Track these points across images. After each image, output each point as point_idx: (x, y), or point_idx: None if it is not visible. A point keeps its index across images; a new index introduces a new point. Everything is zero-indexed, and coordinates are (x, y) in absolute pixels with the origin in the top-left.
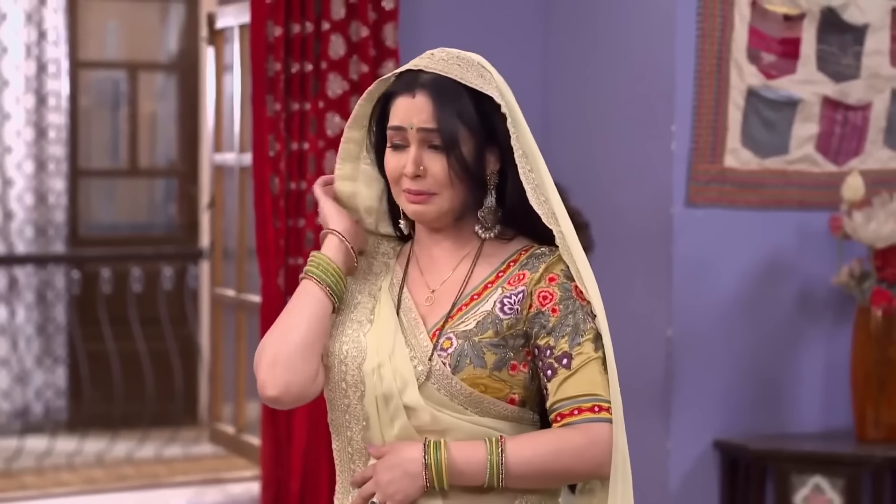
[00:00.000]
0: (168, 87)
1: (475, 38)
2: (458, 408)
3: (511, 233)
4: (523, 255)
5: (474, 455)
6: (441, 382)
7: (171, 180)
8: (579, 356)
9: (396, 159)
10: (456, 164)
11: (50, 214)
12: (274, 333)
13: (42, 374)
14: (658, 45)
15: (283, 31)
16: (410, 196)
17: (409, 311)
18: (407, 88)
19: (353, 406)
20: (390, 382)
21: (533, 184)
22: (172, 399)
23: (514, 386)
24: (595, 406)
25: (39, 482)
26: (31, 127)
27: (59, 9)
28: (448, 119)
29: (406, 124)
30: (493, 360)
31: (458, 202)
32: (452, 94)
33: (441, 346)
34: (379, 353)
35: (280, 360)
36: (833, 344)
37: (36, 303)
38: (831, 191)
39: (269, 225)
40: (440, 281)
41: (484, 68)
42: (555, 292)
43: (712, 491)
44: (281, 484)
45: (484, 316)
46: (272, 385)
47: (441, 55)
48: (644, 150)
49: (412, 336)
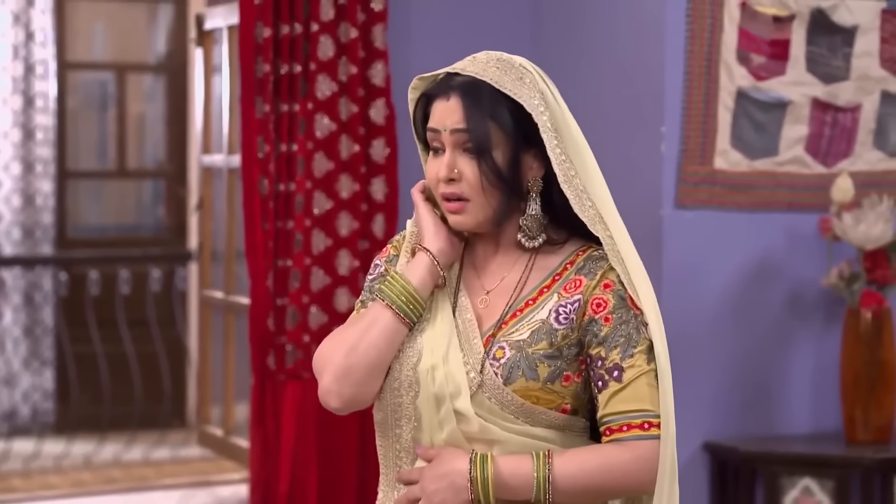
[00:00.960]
0: (156, 88)
1: (464, 39)
2: (508, 417)
3: (564, 234)
4: (580, 257)
5: (521, 469)
6: (492, 392)
7: (160, 182)
8: (631, 369)
9: (434, 164)
10: (487, 169)
11: (37, 216)
12: (345, 344)
13: (29, 376)
14: (647, 46)
15: (272, 32)
16: (448, 204)
17: (464, 312)
18: (443, 91)
19: (406, 406)
20: (442, 386)
21: (577, 189)
22: (160, 401)
23: (567, 396)
24: (645, 423)
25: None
26: (19, 128)
27: (46, 10)
28: (478, 122)
29: (440, 126)
30: (546, 373)
31: (492, 210)
32: (485, 97)
33: (493, 354)
34: (433, 354)
35: (351, 375)
36: (822, 346)
37: (23, 305)
38: (821, 192)
39: (258, 227)
40: (495, 282)
41: (525, 70)
42: (609, 300)
43: (702, 493)
44: (269, 486)
45: (538, 325)
46: (337, 396)
47: (482, 57)
48: (633, 151)
49: (466, 340)
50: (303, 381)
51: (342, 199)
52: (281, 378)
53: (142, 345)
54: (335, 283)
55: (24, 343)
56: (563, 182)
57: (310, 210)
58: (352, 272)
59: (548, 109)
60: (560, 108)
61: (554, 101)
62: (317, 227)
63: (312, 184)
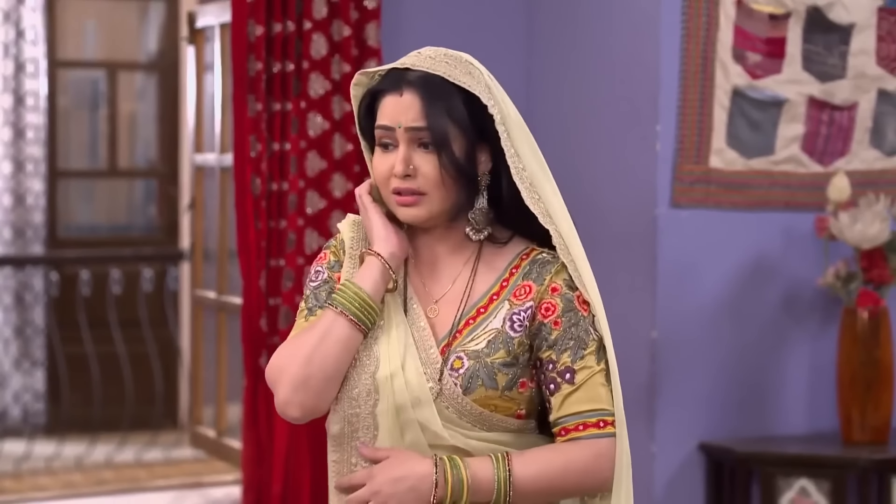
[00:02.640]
0: (148, 86)
1: (458, 37)
2: (466, 425)
3: (507, 234)
4: (525, 261)
5: (481, 472)
6: (451, 401)
7: (151, 181)
8: (582, 371)
9: (385, 159)
10: (448, 164)
11: (28, 216)
12: (300, 353)
13: (20, 377)
14: (643, 44)
15: (265, 30)
16: (400, 198)
17: (417, 320)
18: (394, 87)
19: (364, 416)
20: (402, 394)
21: (526, 182)
22: (152, 402)
23: (522, 402)
24: (600, 421)
25: (17, 486)
26: (9, 127)
27: (37, 7)
28: (437, 117)
29: (394, 123)
30: (504, 381)
31: (449, 203)
32: (441, 92)
33: (451, 364)
34: (391, 362)
35: (309, 385)
36: (819, 346)
37: (14, 305)
38: (817, 191)
39: (251, 226)
40: (442, 290)
41: (472, 65)
42: (557, 304)
43: (697, 494)
44: (262, 488)
45: (494, 334)
46: (296, 406)
47: (428, 53)
48: (628, 150)
49: (423, 349)
50: None
51: (335, 199)
52: None
53: (133, 345)
54: None
55: (14, 343)
56: (514, 175)
57: (303, 209)
58: None
59: (497, 104)
60: (506, 102)
61: (500, 96)
62: (310, 227)
63: (305, 183)
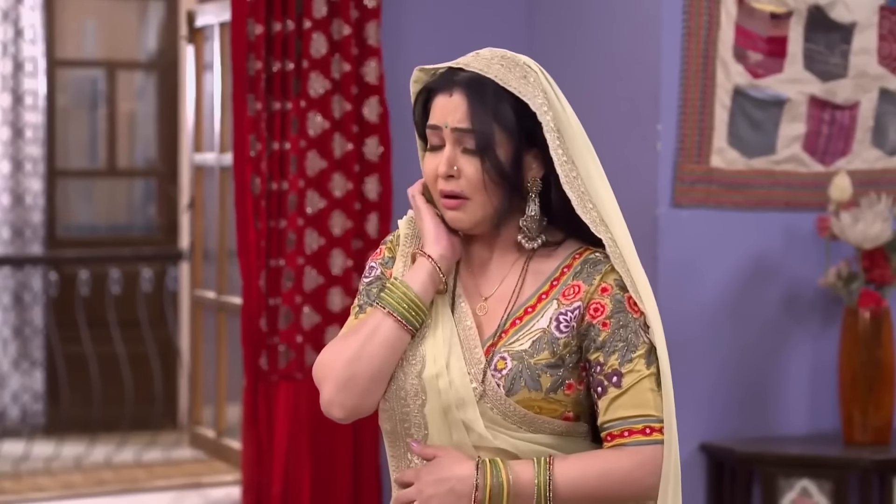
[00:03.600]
0: (147, 86)
1: (458, 36)
2: (511, 427)
3: (560, 235)
4: (577, 260)
5: (522, 475)
6: (494, 402)
7: (151, 181)
8: (630, 374)
9: (433, 160)
10: (490, 168)
11: (27, 215)
12: (346, 354)
13: (19, 377)
14: (644, 43)
15: (264, 29)
16: (445, 200)
17: (464, 319)
18: (445, 86)
19: (414, 415)
20: (447, 394)
21: (578, 191)
22: (152, 402)
23: (569, 404)
24: (646, 428)
25: (16, 487)
26: (8, 126)
27: (36, 6)
28: (482, 120)
29: (441, 123)
30: (548, 383)
31: (492, 209)
32: (489, 95)
33: (495, 365)
34: (436, 362)
35: (354, 385)
36: (820, 346)
37: (13, 305)
38: (818, 191)
39: (251, 226)
40: (492, 288)
41: (530, 69)
42: (606, 304)
43: (698, 494)
44: (262, 488)
45: (539, 334)
46: (340, 406)
47: (486, 54)
48: (629, 149)
49: (467, 349)
50: (295, 382)
51: (335, 198)
52: (273, 379)
53: (133, 345)
54: (328, 282)
55: (13, 344)
56: (564, 183)
57: (303, 209)
58: (345, 272)
59: (551, 109)
60: (563, 108)
61: (557, 101)
62: (310, 227)
63: (305, 182)
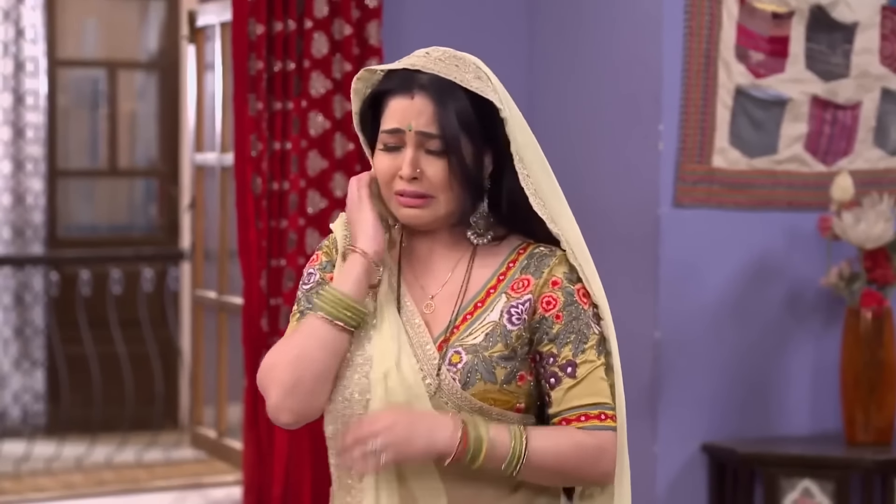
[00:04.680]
0: (148, 85)
1: (459, 36)
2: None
3: (503, 231)
4: (522, 255)
5: (500, 437)
6: (450, 396)
7: (152, 181)
8: (584, 364)
9: (390, 160)
10: (457, 168)
11: (28, 215)
12: (286, 358)
13: (20, 377)
14: (645, 43)
15: (266, 29)
16: (405, 199)
17: (411, 317)
18: (404, 88)
19: (357, 416)
20: (396, 392)
21: (532, 189)
22: (153, 403)
23: (521, 396)
24: (601, 414)
25: (17, 487)
26: (9, 126)
27: (36, 6)
28: (449, 123)
29: (404, 126)
30: (503, 375)
31: (454, 206)
32: (452, 97)
33: (449, 359)
34: (385, 360)
35: (298, 390)
36: (822, 346)
37: (13, 305)
38: (820, 191)
39: (252, 226)
40: (437, 286)
41: (480, 69)
42: (558, 297)
43: (700, 495)
44: (263, 489)
45: (492, 328)
46: (287, 412)
47: (437, 55)
48: (631, 149)
49: (418, 346)
50: None
51: (336, 198)
52: None
53: (134, 345)
54: None
55: (14, 344)
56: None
57: (304, 209)
58: None
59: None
60: (510, 105)
61: (506, 99)
62: (311, 227)
63: (306, 182)
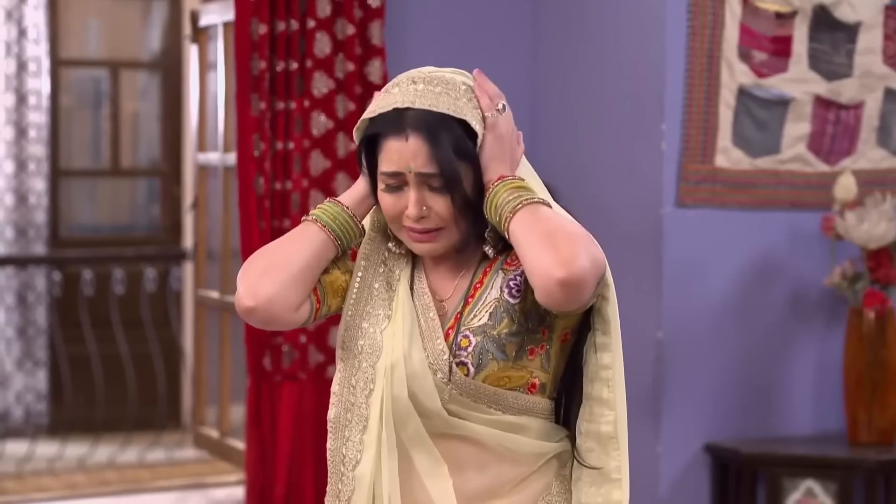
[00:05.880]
0: (151, 85)
1: (462, 36)
2: (481, 408)
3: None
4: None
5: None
6: (463, 387)
7: (154, 180)
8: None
9: (394, 199)
10: (460, 202)
11: (30, 215)
12: (269, 252)
13: (22, 377)
14: (648, 43)
15: (268, 28)
16: (416, 235)
17: (427, 311)
18: (396, 130)
19: (359, 404)
20: (401, 386)
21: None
22: (155, 403)
23: (534, 370)
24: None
25: (19, 487)
26: (11, 126)
27: (39, 6)
28: (446, 159)
29: (403, 169)
30: (513, 351)
31: (465, 230)
32: (445, 129)
33: (459, 344)
34: (394, 352)
35: (271, 275)
36: (825, 346)
37: (16, 305)
38: (823, 191)
39: (254, 226)
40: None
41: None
42: None
43: (703, 495)
44: (265, 489)
45: (495, 304)
46: (252, 295)
47: (422, 85)
48: (634, 149)
49: (429, 339)
50: (299, 382)
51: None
52: (277, 379)
53: (136, 345)
54: None
55: (17, 344)
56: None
57: (306, 209)
58: None
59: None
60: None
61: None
62: None
63: (309, 182)
